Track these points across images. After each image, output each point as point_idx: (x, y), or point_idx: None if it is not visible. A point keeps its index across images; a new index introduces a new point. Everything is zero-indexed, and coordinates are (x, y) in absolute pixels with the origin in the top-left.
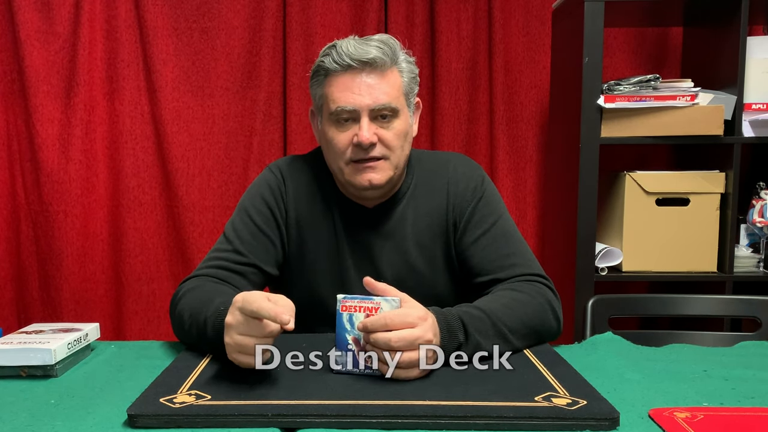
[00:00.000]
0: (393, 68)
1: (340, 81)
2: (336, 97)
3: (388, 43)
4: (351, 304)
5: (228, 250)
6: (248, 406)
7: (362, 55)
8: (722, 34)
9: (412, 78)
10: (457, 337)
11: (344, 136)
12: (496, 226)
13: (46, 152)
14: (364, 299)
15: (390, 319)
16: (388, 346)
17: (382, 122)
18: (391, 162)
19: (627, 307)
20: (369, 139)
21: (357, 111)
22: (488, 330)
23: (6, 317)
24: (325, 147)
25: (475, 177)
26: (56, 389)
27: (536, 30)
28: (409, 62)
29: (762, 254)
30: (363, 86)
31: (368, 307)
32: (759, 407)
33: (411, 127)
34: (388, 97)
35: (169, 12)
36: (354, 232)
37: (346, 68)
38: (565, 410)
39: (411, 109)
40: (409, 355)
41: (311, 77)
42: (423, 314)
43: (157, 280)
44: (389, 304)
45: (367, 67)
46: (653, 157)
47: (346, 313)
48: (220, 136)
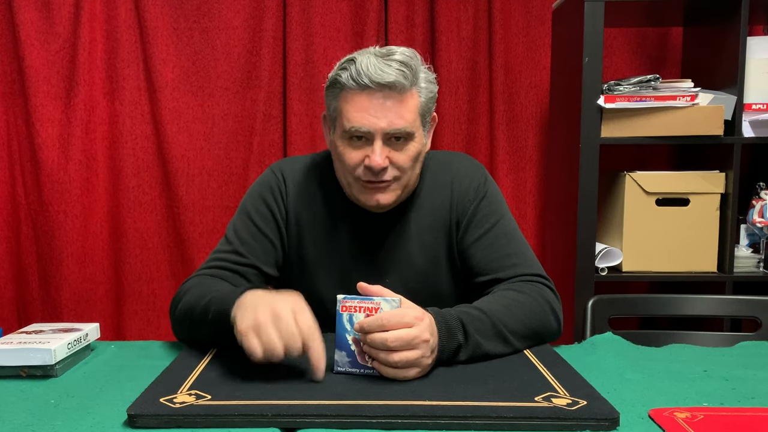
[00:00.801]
0: (412, 90)
1: (356, 100)
2: (351, 116)
3: (409, 64)
4: (351, 304)
5: (228, 251)
6: (248, 406)
7: (382, 78)
8: (722, 34)
9: (431, 98)
10: (456, 338)
11: (356, 154)
12: (498, 226)
13: (46, 152)
14: (364, 300)
15: (386, 320)
16: (384, 346)
17: (395, 144)
18: (401, 183)
19: (627, 307)
20: (381, 164)
21: (371, 133)
22: (488, 330)
23: (6, 317)
24: (335, 158)
25: (477, 176)
26: (56, 389)
27: (536, 30)
28: (429, 81)
29: (762, 254)
30: (379, 109)
31: (368, 308)
32: (759, 407)
33: (424, 146)
34: (404, 122)
35: (169, 12)
36: (356, 233)
37: (363, 88)
38: (565, 410)
39: (426, 128)
40: (407, 354)
41: (326, 87)
42: (419, 314)
43: (157, 280)
44: (389, 305)
45: (385, 89)
46: (653, 157)
47: (346, 314)
48: (220, 136)
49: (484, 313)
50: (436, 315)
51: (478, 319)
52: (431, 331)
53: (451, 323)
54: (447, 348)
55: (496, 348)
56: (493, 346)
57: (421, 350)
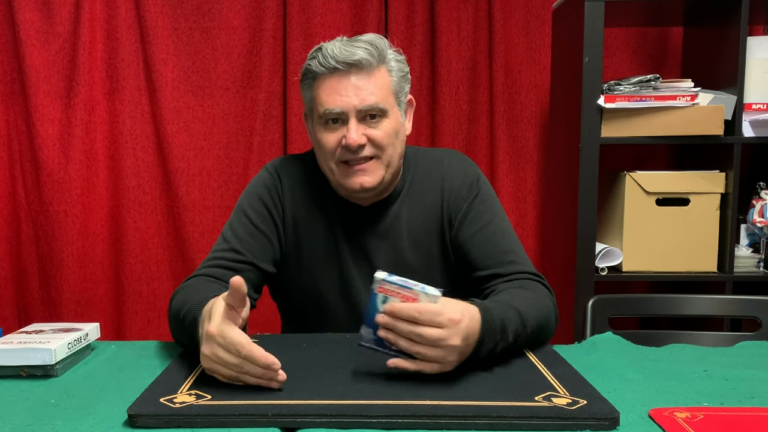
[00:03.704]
0: (381, 68)
1: (327, 84)
2: (324, 100)
3: (374, 43)
4: (390, 288)
5: (226, 249)
6: (248, 406)
7: (348, 57)
8: (722, 34)
9: (402, 76)
10: (495, 338)
11: (333, 137)
12: (493, 223)
13: (46, 152)
14: (404, 286)
15: (420, 313)
16: (410, 337)
17: (370, 122)
18: (382, 161)
19: (627, 307)
20: (356, 141)
21: (345, 113)
22: (520, 332)
23: (6, 317)
24: (316, 149)
25: (470, 174)
26: (56, 389)
27: (536, 30)
28: (398, 60)
29: (762, 254)
30: (350, 88)
31: (407, 296)
32: (759, 407)
33: (403, 125)
34: (375, 98)
35: (169, 12)
36: (350, 230)
37: (333, 71)
38: (566, 410)
39: (402, 107)
40: (428, 351)
41: (301, 80)
42: (457, 317)
43: (157, 280)
44: (429, 299)
45: (353, 69)
46: (653, 157)
47: (382, 295)
48: (220, 136)
49: (520, 316)
50: (484, 313)
51: (515, 323)
52: (464, 336)
53: (495, 326)
54: (482, 350)
55: (516, 347)
56: (516, 347)
57: (444, 352)
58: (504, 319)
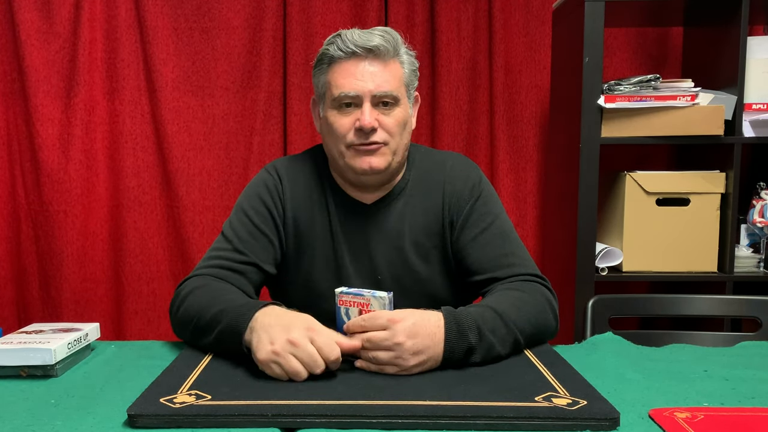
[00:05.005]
0: (395, 59)
1: (343, 67)
2: (340, 83)
3: (391, 33)
4: (346, 298)
5: (227, 249)
6: (248, 406)
7: (366, 43)
8: (722, 34)
9: (413, 71)
10: (468, 338)
11: (346, 120)
12: (494, 226)
13: (46, 152)
14: (358, 295)
15: (365, 320)
16: (364, 345)
17: (383, 109)
18: (390, 148)
19: (627, 307)
20: (371, 123)
21: (360, 96)
22: (501, 330)
23: (6, 317)
24: (326, 132)
25: (472, 176)
26: (56, 389)
27: (536, 30)
28: (409, 55)
29: (762, 254)
30: (366, 73)
31: (360, 303)
32: (759, 407)
33: (410, 118)
34: (389, 86)
35: (169, 12)
36: (351, 229)
37: (350, 55)
38: (566, 410)
39: (411, 101)
40: (379, 355)
41: (314, 65)
42: (397, 317)
43: (157, 280)
44: (378, 302)
45: (370, 55)
46: (653, 157)
47: (343, 307)
48: (220, 136)
49: (498, 314)
50: (448, 315)
51: (491, 320)
52: (409, 334)
53: (463, 324)
54: (457, 348)
55: (505, 349)
56: (505, 347)
57: (396, 351)
58: (477, 320)
